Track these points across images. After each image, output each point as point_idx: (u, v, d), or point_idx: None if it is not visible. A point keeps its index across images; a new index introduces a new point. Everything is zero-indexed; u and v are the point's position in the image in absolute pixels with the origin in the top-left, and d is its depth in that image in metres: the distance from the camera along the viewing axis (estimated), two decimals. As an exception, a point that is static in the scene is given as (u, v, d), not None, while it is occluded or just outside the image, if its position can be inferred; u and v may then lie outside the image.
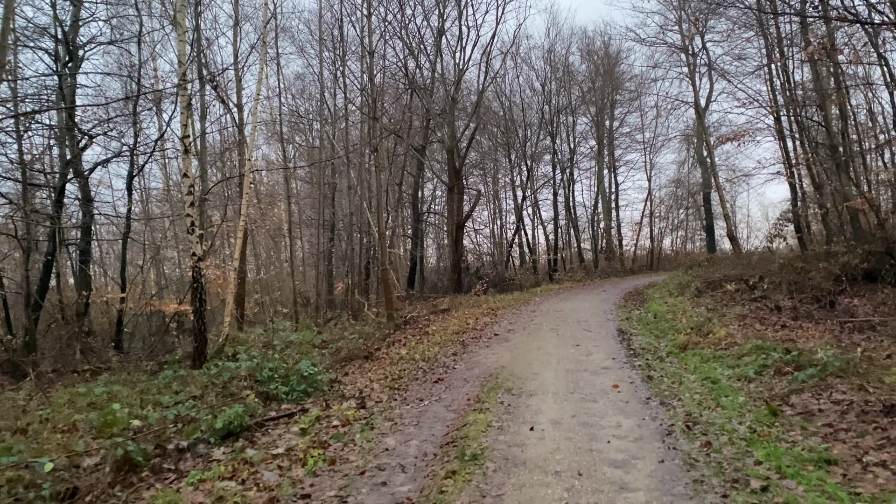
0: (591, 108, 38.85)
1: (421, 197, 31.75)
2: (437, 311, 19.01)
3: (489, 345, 11.66)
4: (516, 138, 34.42)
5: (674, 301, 15.95)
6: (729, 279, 16.12)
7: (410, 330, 14.64)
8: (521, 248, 37.42)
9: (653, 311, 15.00)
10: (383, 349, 12.36)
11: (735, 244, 24.27)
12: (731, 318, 11.96)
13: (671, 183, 45.79)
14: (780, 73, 24.69)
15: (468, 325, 14.56)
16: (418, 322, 16.36)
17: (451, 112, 23.71)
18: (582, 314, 15.58)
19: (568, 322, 14.16)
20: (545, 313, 16.28)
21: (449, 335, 13.20)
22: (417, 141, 27.30)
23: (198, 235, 11.05)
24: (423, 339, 13.11)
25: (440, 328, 14.46)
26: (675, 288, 19.12)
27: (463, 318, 16.14)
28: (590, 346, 10.73)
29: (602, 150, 39.08)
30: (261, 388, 8.36)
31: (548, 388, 7.74)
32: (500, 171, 37.84)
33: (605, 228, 39.69)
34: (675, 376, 8.08)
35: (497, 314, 16.85)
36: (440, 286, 26.55)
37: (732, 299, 14.27)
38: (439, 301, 21.48)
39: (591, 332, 12.42)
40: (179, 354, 11.92)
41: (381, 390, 8.43)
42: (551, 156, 35.88)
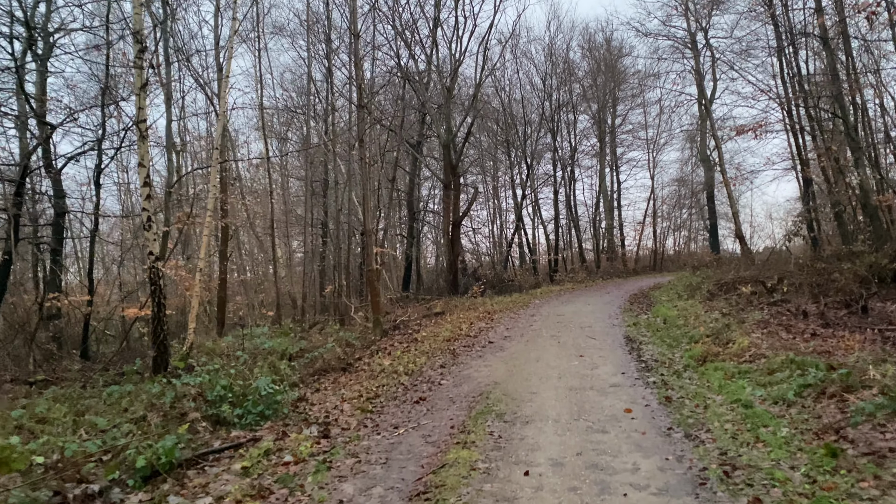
0: (592, 106, 37.54)
1: (417, 195, 30.47)
2: (430, 315, 17.71)
3: (482, 355, 10.35)
4: (516, 135, 33.11)
5: (684, 305, 14.63)
6: (743, 281, 14.81)
7: (398, 336, 13.34)
8: (520, 248, 36.12)
9: (662, 316, 13.70)
10: (365, 358, 11.06)
11: (743, 244, 22.96)
12: (751, 325, 10.64)
13: (673, 182, 44.47)
14: (790, 63, 23.38)
15: (461, 330, 13.25)
16: (409, 327, 15.06)
17: (446, 105, 22.40)
18: (585, 319, 14.27)
19: (570, 328, 12.85)
20: (545, 318, 14.97)
21: (439, 343, 11.90)
22: (413, 136, 26.00)
23: (155, 232, 9.76)
24: (410, 346, 11.81)
25: (430, 334, 13.15)
26: (684, 290, 17.82)
27: (456, 323, 14.84)
28: (595, 357, 9.42)
29: (604, 148, 37.76)
30: (211, 409, 7.06)
31: (547, 413, 6.43)
32: (499, 170, 36.55)
33: (606, 228, 38.37)
34: (697, 397, 6.76)
35: (493, 318, 15.54)
36: (436, 288, 25.24)
37: (749, 303, 12.96)
38: (433, 303, 20.18)
39: (596, 340, 11.11)
40: (138, 364, 10.61)
41: (352, 413, 7.11)
42: (552, 153, 34.57)
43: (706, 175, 42.77)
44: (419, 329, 14.33)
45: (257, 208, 21.17)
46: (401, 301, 21.85)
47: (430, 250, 37.75)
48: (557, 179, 34.72)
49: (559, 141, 35.04)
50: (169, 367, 9.93)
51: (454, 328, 13.78)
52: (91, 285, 14.76)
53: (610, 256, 37.59)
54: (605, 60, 36.94)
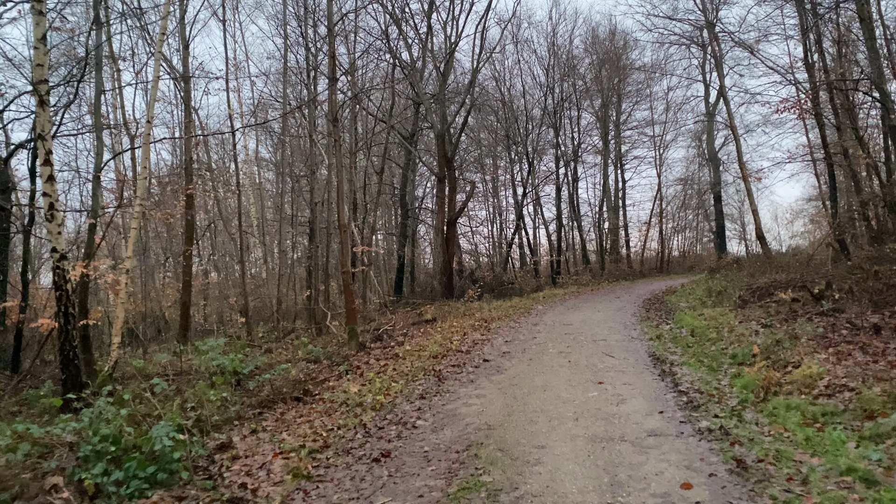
0: (595, 102, 35.31)
1: (412, 191, 28.29)
2: (419, 323, 15.52)
3: (474, 379, 8.15)
4: (517, 131, 30.91)
5: (712, 313, 12.42)
6: (779, 285, 12.59)
7: (378, 350, 11.13)
8: (521, 248, 33.89)
9: (688, 327, 11.50)
10: (331, 381, 8.87)
11: (764, 244, 20.72)
12: (808, 342, 8.43)
13: (678, 182, 42.23)
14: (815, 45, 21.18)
15: (451, 344, 11.03)
16: (392, 338, 12.86)
17: (441, 91, 20.22)
18: (597, 329, 12.07)
19: (581, 341, 10.64)
20: (550, 327, 12.76)
21: (423, 360, 9.69)
22: (405, 128, 23.82)
23: (59, 224, 7.57)
24: (388, 365, 9.60)
25: (415, 348, 10.95)
26: (705, 295, 15.60)
27: (448, 334, 12.64)
28: (618, 385, 7.22)
29: (608, 145, 35.55)
30: (80, 472, 4.87)
31: (564, 489, 4.23)
32: (499, 167, 34.33)
33: (610, 228, 36.13)
34: (783, 461, 4.54)
35: (490, 328, 13.33)
36: (430, 291, 23.04)
37: (792, 312, 10.73)
38: (425, 309, 17.97)
39: (615, 359, 8.90)
40: (47, 388, 8.42)
41: (282, 477, 4.91)
42: (554, 149, 32.34)
43: (714, 174, 40.60)
44: (404, 341, 12.13)
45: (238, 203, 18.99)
46: (390, 306, 19.67)
47: (427, 251, 35.57)
48: (560, 177, 32.50)
49: (562, 137, 32.87)
50: (85, 391, 7.75)
51: (444, 340, 11.58)
52: (25, 288, 12.57)
53: (615, 258, 35.38)
54: (609, 53, 34.76)
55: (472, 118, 31.77)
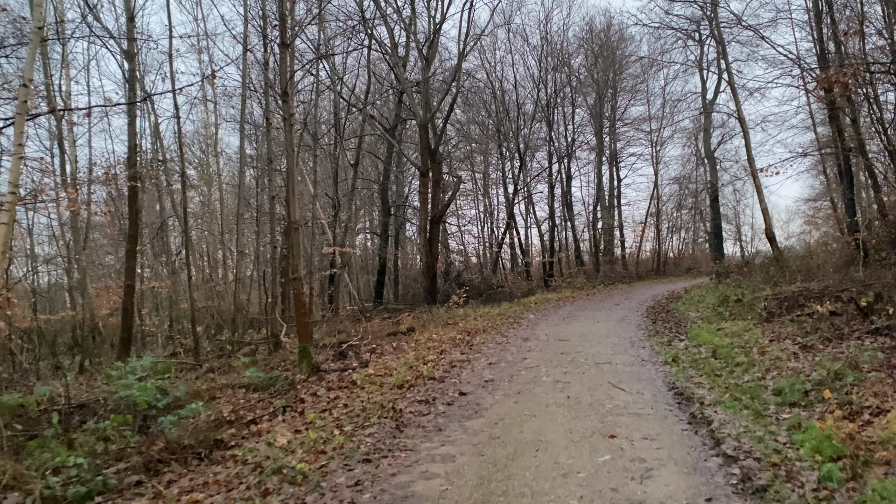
0: (588, 99, 33.30)
1: (398, 188, 26.22)
2: (395, 333, 13.46)
3: (444, 426, 6.08)
4: (509, 125, 28.87)
5: (732, 328, 10.41)
6: (812, 295, 10.59)
7: (335, 375, 9.05)
8: (512, 249, 31.88)
9: (706, 345, 9.49)
10: (264, 420, 6.80)
11: (775, 245, 18.75)
12: (874, 373, 6.42)
13: (673, 181, 40.24)
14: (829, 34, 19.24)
15: (424, 366, 8.96)
16: (359, 354, 10.79)
17: (424, 76, 18.15)
18: (599, 347, 10.03)
19: (581, 364, 8.61)
20: (543, 344, 10.72)
21: (385, 393, 7.62)
22: (386, 118, 21.74)
23: None
24: (339, 397, 7.52)
25: (380, 372, 8.88)
26: (718, 303, 13.60)
27: (423, 350, 10.60)
28: (637, 441, 5.19)
29: (602, 142, 33.57)
30: None
31: None
32: (490, 165, 32.28)
33: (604, 228, 34.12)
34: None
35: (473, 343, 11.28)
36: (413, 296, 20.97)
37: (836, 330, 8.73)
38: (403, 317, 15.91)
39: (627, 393, 6.87)
40: None
41: None
42: (547, 145, 30.31)
43: (711, 174, 38.68)
44: (369, 360, 10.05)
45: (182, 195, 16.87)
46: (368, 313, 17.60)
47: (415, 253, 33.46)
48: (553, 174, 30.48)
49: (555, 133, 30.84)
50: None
51: (416, 361, 9.51)
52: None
53: (609, 259, 33.42)
54: (604, 46, 32.77)
55: (462, 112, 29.76)
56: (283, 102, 9.27)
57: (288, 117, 9.24)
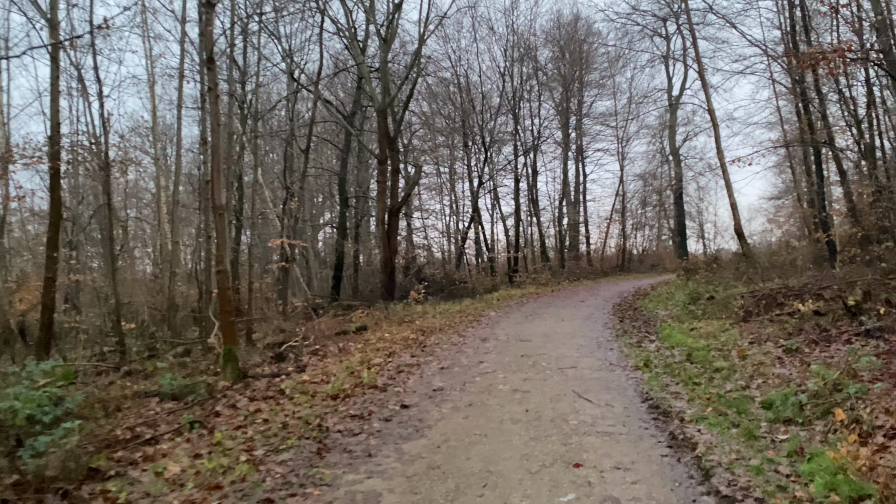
0: (554, 94, 32.43)
1: (357, 180, 24.95)
2: (345, 332, 12.30)
3: (375, 449, 4.97)
4: (474, 117, 27.81)
5: (707, 328, 9.51)
6: (791, 293, 9.75)
7: (263, 382, 7.85)
8: (477, 244, 30.84)
9: (679, 346, 8.57)
10: (166, 439, 5.61)
11: (743, 241, 18.08)
12: (874, 382, 5.54)
13: (637, 178, 39.65)
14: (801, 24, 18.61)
15: (368, 371, 7.84)
16: (299, 358, 9.61)
17: (382, 59, 16.95)
18: (563, 348, 9.03)
19: (543, 370, 7.58)
20: (503, 345, 9.69)
21: (315, 405, 6.46)
22: (345, 106, 20.50)
23: None
24: (261, 410, 6.34)
25: (316, 378, 7.73)
26: (688, 301, 12.74)
27: (371, 352, 9.48)
28: (608, 471, 4.17)
29: (568, 136, 32.77)
30: None
31: None
32: (456, 161, 31.16)
33: (569, 224, 33.31)
34: None
35: (427, 344, 10.18)
36: (373, 291, 19.78)
37: (822, 332, 7.87)
38: (357, 314, 14.75)
39: (595, 405, 5.86)
40: None
41: None
42: (513, 137, 29.33)
43: (675, 171, 38.25)
44: (307, 364, 8.89)
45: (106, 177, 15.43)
46: (320, 310, 16.37)
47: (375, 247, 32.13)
48: (519, 168, 29.52)
49: (521, 126, 29.88)
50: None
51: (359, 365, 8.38)
52: None
53: (574, 255, 32.66)
54: (571, 38, 31.94)
55: (427, 104, 28.64)
56: (209, 70, 8.03)
57: (213, 87, 8.00)
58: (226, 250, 8.19)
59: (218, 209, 8.09)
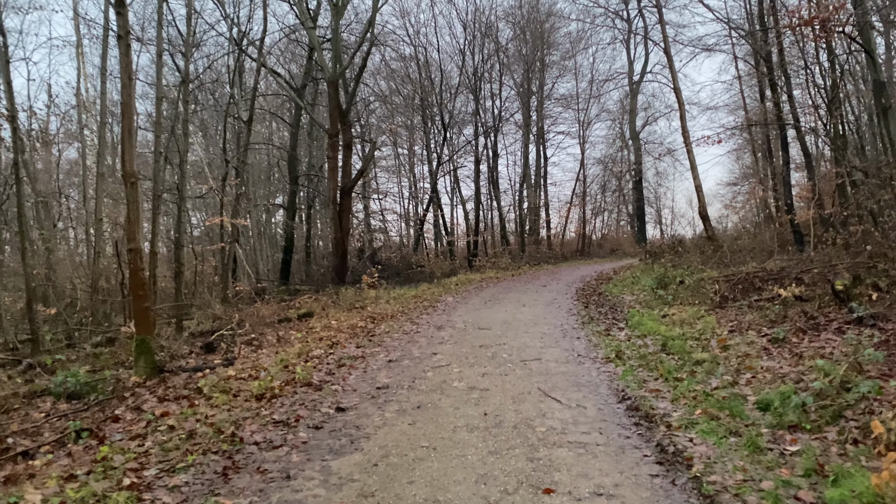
0: (515, 76, 31.44)
1: (309, 159, 23.62)
2: (288, 320, 11.18)
3: (296, 472, 3.95)
4: (433, 94, 26.67)
5: (681, 315, 8.72)
6: (769, 277, 9.05)
7: (179, 378, 6.72)
8: (436, 228, 29.81)
9: (652, 335, 7.77)
10: (41, 456, 4.48)
11: (708, 224, 17.54)
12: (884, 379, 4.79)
13: (597, 162, 39.05)
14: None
15: (304, 365, 6.79)
16: (231, 348, 8.48)
17: (333, 25, 15.67)
18: (526, 337, 8.13)
19: (504, 363, 6.65)
20: (460, 334, 8.73)
21: (235, 408, 5.39)
22: (295, 81, 19.16)
23: None
24: (169, 414, 5.24)
25: (243, 373, 6.63)
26: (656, 285, 12.00)
27: (310, 344, 8.42)
28: (588, 498, 3.25)
29: (529, 117, 31.89)
30: None
31: None
32: (416, 145, 29.95)
33: (530, 207, 32.50)
34: None
35: (376, 333, 9.16)
36: (324, 275, 18.62)
37: (807, 318, 7.14)
38: (304, 299, 13.62)
39: (564, 407, 4.95)
40: None
41: None
42: (474, 118, 28.29)
43: (635, 154, 37.85)
44: (237, 356, 7.78)
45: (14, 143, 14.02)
46: (267, 294, 15.18)
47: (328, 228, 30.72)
48: (479, 149, 28.51)
49: (482, 107, 28.83)
50: None
51: (297, 358, 7.33)
52: None
53: (534, 240, 31.91)
54: (532, 18, 30.96)
55: (385, 83, 27.37)
56: (118, 15, 6.78)
57: (124, 35, 6.75)
58: (138, 225, 7.00)
59: (129, 177, 6.87)
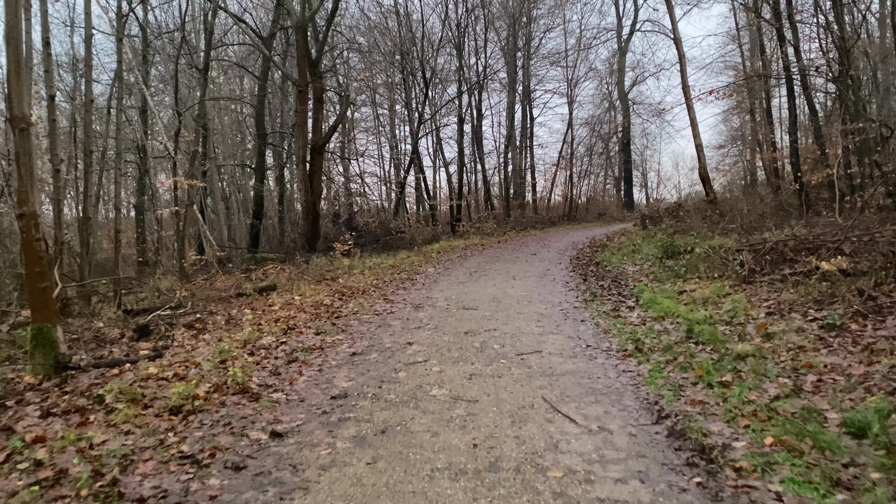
0: (501, 33, 29.50)
1: (282, 117, 21.83)
2: (244, 295, 9.71)
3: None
4: (414, 48, 24.78)
5: (699, 290, 7.38)
6: (803, 246, 7.71)
7: (86, 377, 5.27)
8: (418, 192, 28.20)
9: (669, 315, 6.43)
10: None
11: (709, 186, 16.22)
12: None
13: (584, 124, 37.34)
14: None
15: (237, 370, 5.37)
16: (167, 333, 7.01)
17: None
18: (520, 321, 6.74)
19: (494, 356, 5.27)
20: (441, 316, 7.31)
21: (136, 429, 3.95)
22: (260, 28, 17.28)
23: None
24: (41, 440, 3.79)
25: (164, 373, 5.18)
26: (661, 253, 10.62)
27: (264, 327, 6.98)
28: None
29: (515, 75, 30.09)
30: None
31: None
32: (397, 104, 28.04)
33: (515, 170, 30.89)
34: None
35: (342, 313, 7.72)
36: (293, 242, 17.07)
37: (864, 298, 5.82)
38: (267, 269, 12.13)
39: (581, 430, 3.57)
40: None
41: None
42: (457, 75, 26.47)
43: (624, 115, 36.31)
44: (171, 345, 6.32)
45: None
46: (231, 264, 13.66)
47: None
48: (463, 108, 26.75)
49: (466, 60, 26.98)
50: None
51: (240, 348, 5.90)
52: None
53: (520, 204, 30.43)
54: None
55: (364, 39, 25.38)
56: None
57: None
58: (32, 185, 5.43)
59: (18, 122, 5.29)
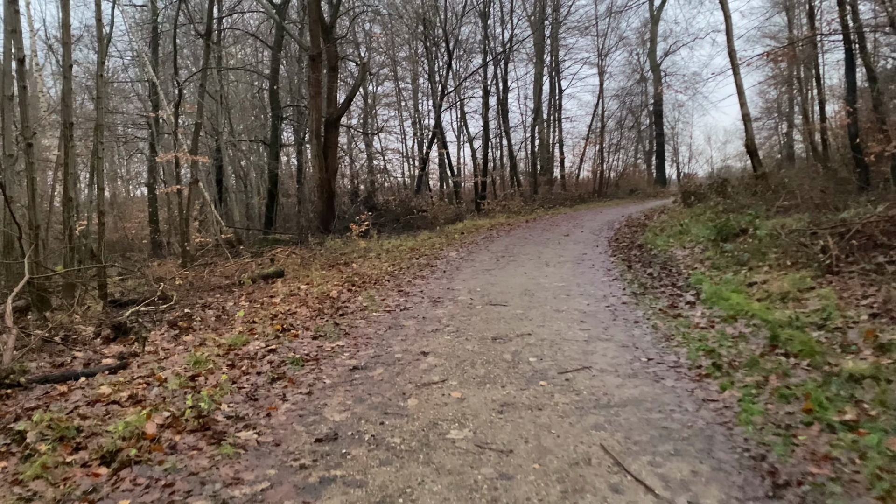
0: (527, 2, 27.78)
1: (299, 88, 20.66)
2: (254, 279, 8.68)
3: None
4: (437, 15, 23.34)
5: (774, 282, 6.11)
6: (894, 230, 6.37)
7: (23, 398, 4.25)
8: (441, 168, 26.93)
9: (740, 314, 5.19)
10: None
11: (756, 159, 14.72)
12: None
13: (614, 96, 35.45)
14: None
15: (207, 391, 4.30)
16: (154, 325, 6.00)
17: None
18: (559, 322, 5.56)
19: (532, 377, 4.11)
20: (464, 315, 6.16)
21: (51, 490, 2.91)
22: None
23: None
24: None
25: (118, 394, 4.14)
26: (717, 235, 9.29)
27: (257, 325, 5.92)
28: None
29: (543, 46, 28.43)
30: None
31: None
32: (420, 77, 26.66)
33: (542, 144, 29.34)
34: None
35: (349, 310, 6.61)
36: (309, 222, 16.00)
37: None
38: (276, 253, 11.10)
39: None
40: None
41: None
42: (482, 44, 24.98)
43: (655, 86, 34.42)
44: (140, 352, 5.30)
45: None
46: (242, 246, 12.67)
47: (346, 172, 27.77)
48: (488, 80, 25.29)
49: (491, 30, 25.43)
50: None
51: (223, 356, 4.84)
52: None
53: (548, 180, 28.97)
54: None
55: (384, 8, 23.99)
56: None
57: None
58: None
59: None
